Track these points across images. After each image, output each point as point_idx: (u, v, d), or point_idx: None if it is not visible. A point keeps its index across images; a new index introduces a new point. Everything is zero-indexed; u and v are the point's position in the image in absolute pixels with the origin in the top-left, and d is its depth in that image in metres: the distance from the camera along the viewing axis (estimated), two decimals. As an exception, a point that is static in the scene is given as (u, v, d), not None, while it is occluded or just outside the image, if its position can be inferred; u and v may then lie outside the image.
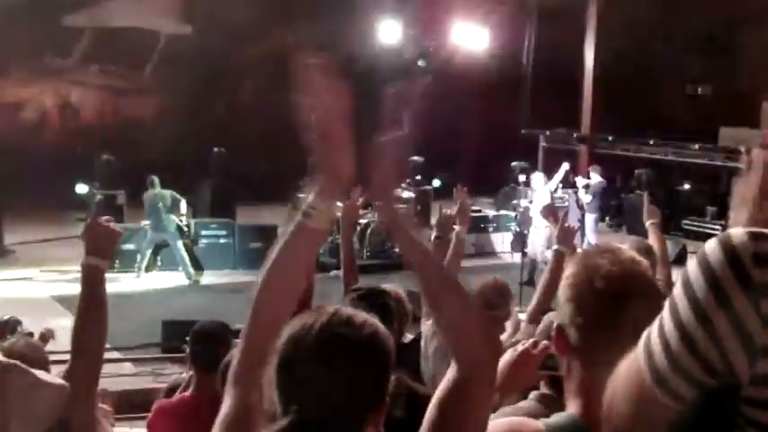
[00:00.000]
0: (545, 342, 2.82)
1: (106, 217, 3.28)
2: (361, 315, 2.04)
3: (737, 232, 1.30)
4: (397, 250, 17.93)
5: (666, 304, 1.36)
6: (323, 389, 1.92)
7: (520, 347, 2.87)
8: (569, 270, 2.10)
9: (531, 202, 17.46)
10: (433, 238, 5.38)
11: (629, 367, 1.42)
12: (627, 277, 2.01)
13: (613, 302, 1.98)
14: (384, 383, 2.01)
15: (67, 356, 3.06)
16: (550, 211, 6.20)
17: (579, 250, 2.22)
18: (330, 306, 2.05)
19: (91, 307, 3.02)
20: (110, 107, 25.26)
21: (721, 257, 1.28)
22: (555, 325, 2.12)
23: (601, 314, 1.99)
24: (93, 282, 3.05)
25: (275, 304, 2.08)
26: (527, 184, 19.44)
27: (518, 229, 18.43)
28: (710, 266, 1.29)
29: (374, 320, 2.04)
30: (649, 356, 1.35)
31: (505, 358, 2.77)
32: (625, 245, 4.25)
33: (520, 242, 17.18)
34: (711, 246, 1.31)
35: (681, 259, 16.40)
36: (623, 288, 1.99)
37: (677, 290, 1.34)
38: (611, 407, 1.47)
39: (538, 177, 17.55)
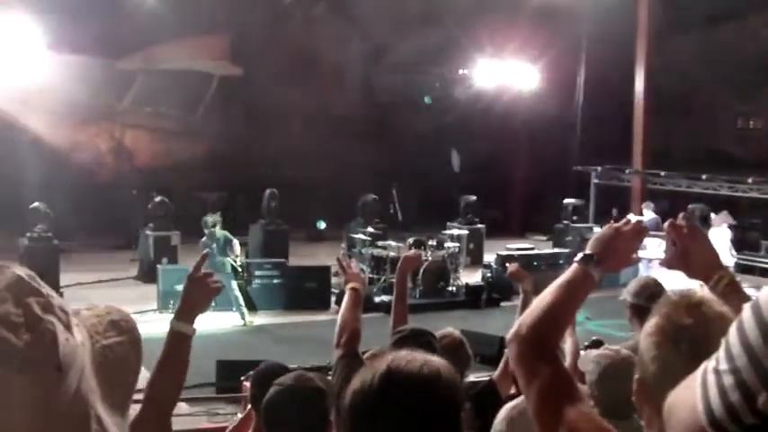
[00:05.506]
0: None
1: (208, 271, 3.21)
2: (419, 356, 2.02)
3: None
4: (450, 289, 17.96)
5: (722, 345, 1.42)
6: None
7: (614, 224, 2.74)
8: (654, 321, 2.07)
9: None
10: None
11: (684, 401, 1.48)
12: (713, 339, 1.99)
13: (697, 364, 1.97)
14: (456, 419, 2.00)
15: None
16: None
17: (665, 296, 2.16)
18: (384, 355, 2.04)
19: (169, 367, 3.03)
20: (163, 149, 25.51)
21: None
22: (636, 377, 2.10)
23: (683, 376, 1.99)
24: (177, 346, 3.05)
25: None
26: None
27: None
28: (762, 313, 1.35)
29: (432, 358, 2.03)
30: (704, 394, 1.42)
31: (603, 233, 2.64)
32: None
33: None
34: (765, 293, 1.37)
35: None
36: (708, 351, 1.97)
37: (732, 333, 1.40)
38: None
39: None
